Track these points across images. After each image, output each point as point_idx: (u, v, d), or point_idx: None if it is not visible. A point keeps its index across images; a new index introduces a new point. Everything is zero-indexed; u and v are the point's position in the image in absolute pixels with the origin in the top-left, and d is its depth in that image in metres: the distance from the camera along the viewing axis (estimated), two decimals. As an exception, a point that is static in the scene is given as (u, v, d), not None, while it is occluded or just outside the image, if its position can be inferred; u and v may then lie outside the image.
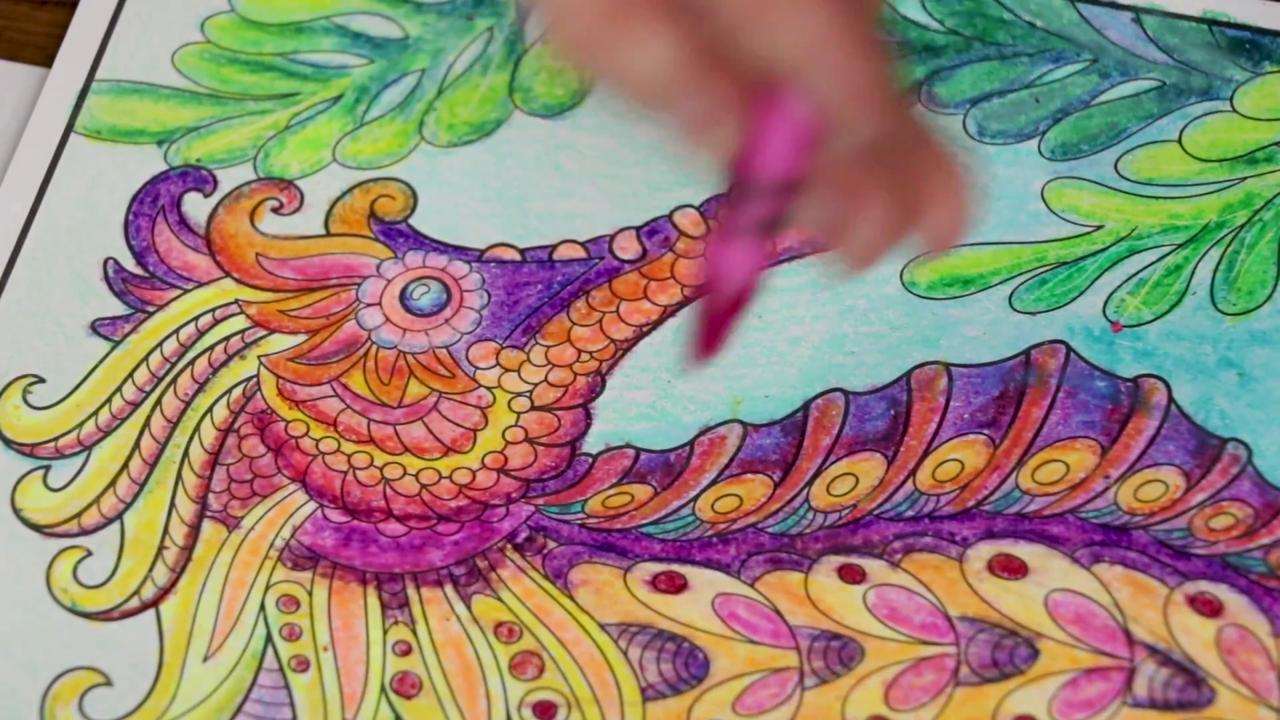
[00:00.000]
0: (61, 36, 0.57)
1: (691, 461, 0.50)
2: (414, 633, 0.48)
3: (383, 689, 0.47)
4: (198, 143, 0.55)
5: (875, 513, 0.49)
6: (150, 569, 0.49)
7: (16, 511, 0.50)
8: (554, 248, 0.53)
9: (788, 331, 0.52)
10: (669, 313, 0.52)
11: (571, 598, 0.48)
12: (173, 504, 0.50)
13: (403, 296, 0.53)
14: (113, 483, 0.50)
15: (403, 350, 0.52)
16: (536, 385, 0.51)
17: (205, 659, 0.48)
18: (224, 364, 0.52)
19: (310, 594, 0.48)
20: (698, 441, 0.50)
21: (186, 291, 0.53)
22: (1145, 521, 0.49)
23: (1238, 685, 0.46)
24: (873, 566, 0.48)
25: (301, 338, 0.52)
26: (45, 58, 0.57)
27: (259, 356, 0.52)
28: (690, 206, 0.53)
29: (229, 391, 0.51)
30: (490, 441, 0.50)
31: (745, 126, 0.40)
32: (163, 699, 0.47)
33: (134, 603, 0.49)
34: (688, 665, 0.47)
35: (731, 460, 0.50)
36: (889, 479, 0.50)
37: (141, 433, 0.51)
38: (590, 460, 0.50)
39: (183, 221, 0.54)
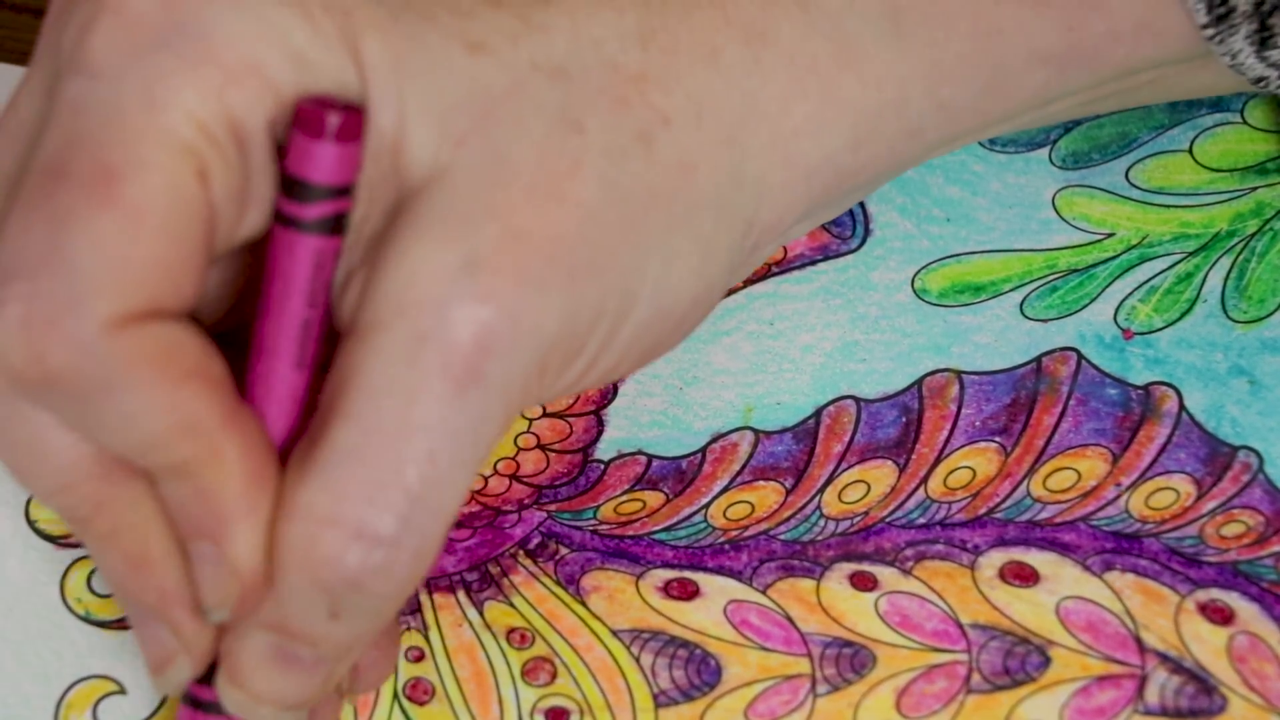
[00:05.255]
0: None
1: (703, 468, 0.50)
2: (427, 639, 0.48)
3: (395, 695, 0.47)
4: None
5: (887, 520, 0.49)
6: (164, 576, 0.49)
7: (31, 523, 0.50)
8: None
9: (799, 339, 0.52)
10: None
11: (584, 604, 0.48)
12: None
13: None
14: (127, 491, 0.50)
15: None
16: (549, 392, 0.51)
17: (219, 666, 0.48)
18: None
19: (323, 600, 0.49)
20: (710, 448, 0.50)
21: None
22: (1156, 529, 0.49)
23: (1249, 693, 0.46)
24: (884, 574, 0.48)
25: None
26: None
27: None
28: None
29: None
30: (502, 448, 0.50)
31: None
32: (176, 707, 0.47)
33: (148, 610, 0.49)
34: (700, 672, 0.47)
35: (743, 467, 0.50)
36: (900, 486, 0.50)
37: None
38: (602, 467, 0.50)
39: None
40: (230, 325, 0.42)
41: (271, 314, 0.39)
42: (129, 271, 0.37)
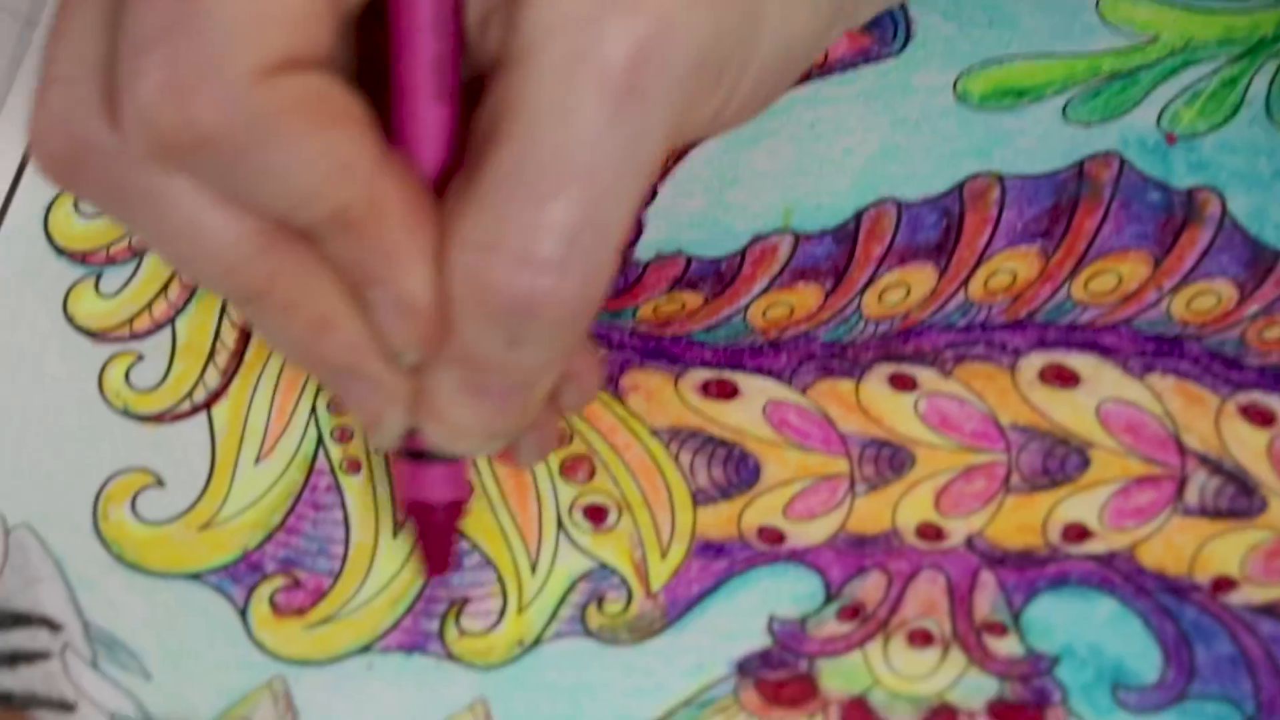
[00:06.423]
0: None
1: (743, 270, 0.50)
2: (467, 427, 0.48)
3: (436, 486, 0.47)
4: None
5: (927, 322, 0.49)
6: (202, 373, 0.49)
7: (69, 319, 0.50)
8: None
9: (840, 142, 0.51)
10: (723, 115, 0.52)
11: (622, 403, 0.48)
12: (224, 308, 0.50)
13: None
14: (164, 288, 0.50)
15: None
16: (590, 185, 0.51)
17: (257, 461, 0.48)
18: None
19: (363, 391, 0.48)
20: (749, 249, 0.50)
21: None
22: (1198, 333, 0.48)
23: (1288, 497, 0.46)
24: (924, 375, 0.48)
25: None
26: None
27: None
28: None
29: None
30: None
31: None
32: (215, 500, 0.47)
33: (185, 406, 0.49)
34: (738, 470, 0.47)
35: (783, 269, 0.50)
36: (941, 289, 0.49)
37: (192, 240, 0.51)
38: (641, 267, 0.50)
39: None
40: None
41: (403, 52, 0.39)
42: (264, 22, 0.36)
